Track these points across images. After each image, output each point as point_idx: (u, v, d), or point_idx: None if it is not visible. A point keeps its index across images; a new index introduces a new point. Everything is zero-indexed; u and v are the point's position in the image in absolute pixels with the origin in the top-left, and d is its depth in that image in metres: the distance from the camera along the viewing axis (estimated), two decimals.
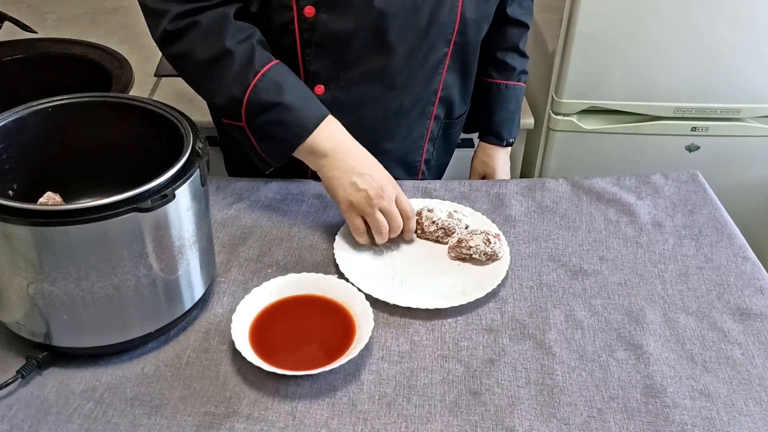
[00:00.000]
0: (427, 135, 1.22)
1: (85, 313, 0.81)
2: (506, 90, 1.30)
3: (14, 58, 1.63)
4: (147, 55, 1.77)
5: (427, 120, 1.20)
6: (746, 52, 1.62)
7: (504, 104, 1.31)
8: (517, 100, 1.33)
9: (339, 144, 1.02)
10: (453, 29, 1.09)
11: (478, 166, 1.39)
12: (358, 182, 0.99)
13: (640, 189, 1.20)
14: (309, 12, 1.02)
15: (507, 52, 1.28)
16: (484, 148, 1.37)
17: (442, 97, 1.18)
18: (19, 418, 0.80)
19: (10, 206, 0.74)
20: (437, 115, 1.21)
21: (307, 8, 1.02)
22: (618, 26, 1.59)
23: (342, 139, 1.03)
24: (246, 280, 0.99)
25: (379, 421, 0.81)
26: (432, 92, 1.16)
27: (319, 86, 1.10)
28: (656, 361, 0.89)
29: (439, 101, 1.18)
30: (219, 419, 0.81)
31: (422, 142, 1.23)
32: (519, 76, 1.31)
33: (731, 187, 1.78)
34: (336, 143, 1.02)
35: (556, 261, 1.05)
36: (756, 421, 0.83)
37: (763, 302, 0.99)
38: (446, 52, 1.12)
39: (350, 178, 1.00)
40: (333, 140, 1.02)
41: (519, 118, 1.36)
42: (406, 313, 0.95)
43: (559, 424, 0.82)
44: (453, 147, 1.36)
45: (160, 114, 0.90)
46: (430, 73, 1.14)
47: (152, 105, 0.91)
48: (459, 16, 1.08)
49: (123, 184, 0.78)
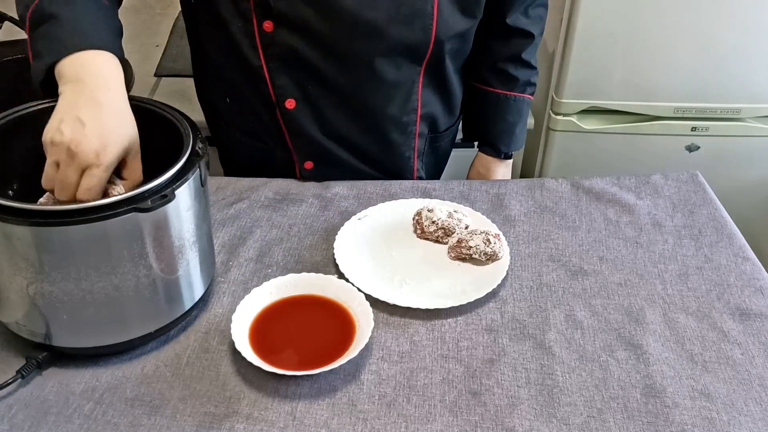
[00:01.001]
0: (414, 153, 1.21)
1: (85, 313, 0.81)
2: (506, 100, 1.25)
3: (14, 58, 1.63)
4: (147, 55, 1.78)
5: (411, 139, 1.19)
6: (746, 52, 1.62)
7: (503, 116, 1.26)
8: (518, 112, 1.26)
9: (87, 77, 0.82)
10: (427, 50, 1.07)
11: (474, 176, 1.36)
12: (66, 125, 0.78)
13: (640, 189, 1.20)
14: (268, 27, 1.02)
15: (508, 62, 1.22)
16: (481, 158, 1.33)
17: (423, 115, 1.17)
18: (19, 418, 0.80)
19: (10, 206, 0.74)
20: (421, 132, 1.19)
21: (266, 23, 1.01)
22: (618, 26, 1.59)
23: (95, 74, 0.83)
24: (246, 280, 0.99)
25: (379, 421, 0.81)
26: (411, 111, 1.15)
27: (289, 100, 1.09)
28: (656, 361, 0.89)
29: (420, 119, 1.17)
30: (219, 419, 0.81)
31: (411, 161, 1.22)
32: (523, 88, 1.25)
33: (731, 187, 1.78)
34: (84, 76, 0.82)
35: (556, 261, 1.05)
36: (756, 421, 0.83)
37: (763, 302, 0.99)
38: (419, 71, 1.10)
39: (65, 115, 0.79)
40: (83, 72, 0.82)
41: (522, 131, 1.30)
42: (406, 313, 0.95)
43: (559, 424, 0.82)
44: (444, 158, 1.34)
45: (160, 114, 0.90)
46: (405, 92, 1.12)
47: (152, 105, 0.91)
48: (433, 37, 1.05)
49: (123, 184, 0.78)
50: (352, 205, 1.14)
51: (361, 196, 1.16)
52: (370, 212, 1.11)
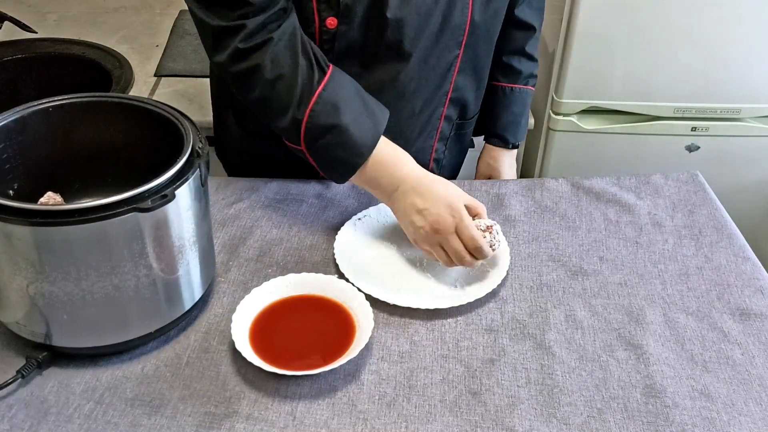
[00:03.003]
0: (437, 135, 1.22)
1: (85, 313, 0.81)
2: (511, 93, 1.29)
3: (14, 58, 1.64)
4: (147, 55, 1.77)
5: (436, 121, 1.20)
6: (746, 52, 1.62)
7: (509, 107, 1.30)
8: (523, 103, 1.31)
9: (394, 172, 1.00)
10: (464, 31, 1.09)
11: (483, 168, 1.38)
12: (416, 221, 0.97)
13: (640, 189, 1.20)
14: (331, 23, 1.02)
15: (513, 55, 1.26)
16: (489, 150, 1.36)
17: (452, 99, 1.18)
18: (19, 418, 0.80)
19: (10, 206, 0.74)
20: (448, 116, 1.20)
21: (329, 20, 1.02)
22: (618, 26, 1.59)
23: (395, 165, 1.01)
24: (246, 280, 0.99)
25: (379, 421, 0.81)
26: (442, 95, 1.16)
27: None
28: (656, 361, 0.89)
29: (449, 103, 1.18)
30: (219, 419, 0.81)
31: (431, 142, 1.22)
32: (526, 80, 1.29)
33: (731, 187, 1.78)
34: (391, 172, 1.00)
35: (556, 261, 1.05)
36: (756, 421, 0.83)
37: (763, 302, 0.99)
38: (457, 54, 1.11)
39: (410, 216, 0.98)
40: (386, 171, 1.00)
41: (526, 121, 1.35)
42: (406, 313, 0.95)
43: (559, 424, 0.82)
44: (466, 147, 1.36)
45: (160, 114, 0.90)
46: (441, 77, 1.13)
47: (152, 105, 0.91)
48: (470, 18, 1.08)
49: (123, 184, 0.78)
50: (352, 205, 1.14)
51: (361, 196, 1.16)
52: (370, 212, 1.11)
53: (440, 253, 0.98)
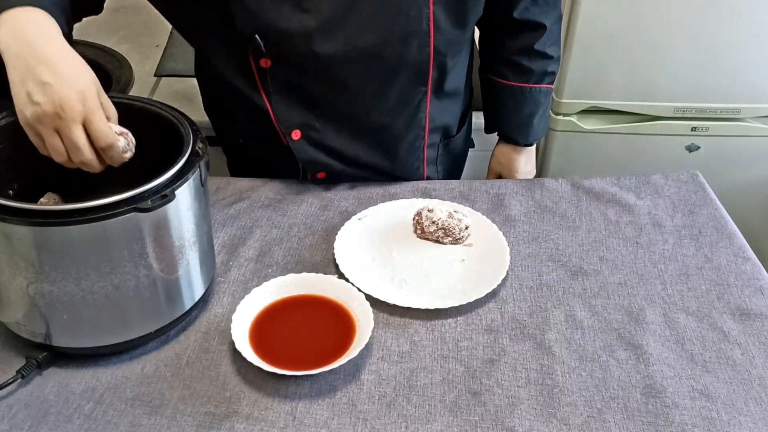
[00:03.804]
0: (424, 163, 1.21)
1: (85, 313, 0.81)
2: (522, 93, 1.23)
3: None
4: (147, 55, 1.77)
5: (420, 151, 1.19)
6: (746, 52, 1.62)
7: (519, 108, 1.25)
8: (535, 103, 1.24)
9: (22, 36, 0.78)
10: (427, 67, 1.07)
11: (493, 166, 1.35)
12: (34, 94, 0.76)
13: (640, 189, 1.20)
14: (265, 64, 1.02)
15: (521, 54, 1.20)
16: (501, 148, 1.33)
17: (431, 129, 1.16)
18: (19, 418, 0.80)
19: (10, 206, 0.74)
20: (431, 143, 1.19)
21: (262, 60, 1.02)
22: (618, 26, 1.59)
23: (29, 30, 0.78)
24: (246, 280, 0.99)
25: (379, 421, 0.81)
26: (419, 127, 1.15)
27: (295, 131, 1.09)
28: (656, 361, 0.89)
29: (429, 132, 1.17)
30: (219, 419, 0.81)
31: (420, 170, 1.22)
32: (540, 78, 1.22)
33: (731, 187, 1.78)
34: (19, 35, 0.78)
35: (556, 261, 1.05)
36: (756, 421, 0.83)
37: (763, 302, 0.99)
38: (425, 91, 1.10)
39: (28, 85, 0.77)
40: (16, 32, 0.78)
41: (541, 121, 1.28)
42: (406, 313, 0.95)
43: (559, 424, 0.82)
44: (461, 156, 1.34)
45: (160, 114, 0.90)
46: (410, 114, 1.12)
47: (152, 105, 0.91)
48: (432, 54, 1.05)
49: (123, 184, 0.78)
50: (352, 205, 1.14)
51: (361, 196, 1.16)
52: (370, 212, 1.11)
53: (53, 141, 0.78)
